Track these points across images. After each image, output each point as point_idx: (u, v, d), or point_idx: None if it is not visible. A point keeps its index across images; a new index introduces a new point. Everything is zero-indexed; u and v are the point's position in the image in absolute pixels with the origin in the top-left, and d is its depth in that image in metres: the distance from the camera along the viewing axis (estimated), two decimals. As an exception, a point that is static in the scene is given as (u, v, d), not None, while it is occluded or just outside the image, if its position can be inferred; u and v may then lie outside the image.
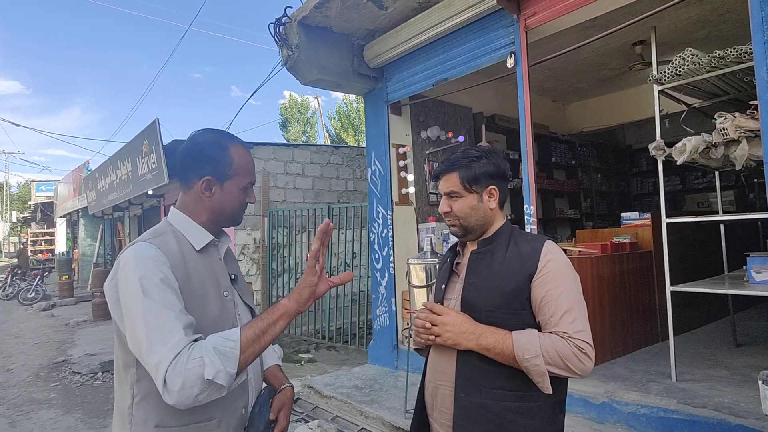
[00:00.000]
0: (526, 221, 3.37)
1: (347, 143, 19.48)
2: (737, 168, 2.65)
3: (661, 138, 3.12)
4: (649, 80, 3.09)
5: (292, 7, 4.07)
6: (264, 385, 1.34)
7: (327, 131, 21.48)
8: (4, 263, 23.92)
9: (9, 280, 12.68)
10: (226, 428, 1.12)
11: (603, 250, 3.88)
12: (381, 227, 4.67)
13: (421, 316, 1.29)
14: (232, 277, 1.26)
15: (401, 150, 4.72)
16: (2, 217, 36.52)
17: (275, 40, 4.11)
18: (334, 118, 22.05)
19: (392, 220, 4.57)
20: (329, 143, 18.22)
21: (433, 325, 1.26)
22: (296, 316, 1.11)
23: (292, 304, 1.08)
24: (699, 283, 3.19)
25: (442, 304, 1.37)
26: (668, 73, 2.92)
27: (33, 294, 11.38)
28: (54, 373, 5.40)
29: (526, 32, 3.31)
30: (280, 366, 1.41)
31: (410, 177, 4.74)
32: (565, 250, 3.83)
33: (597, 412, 3.03)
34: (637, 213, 4.47)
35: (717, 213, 3.87)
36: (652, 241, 4.21)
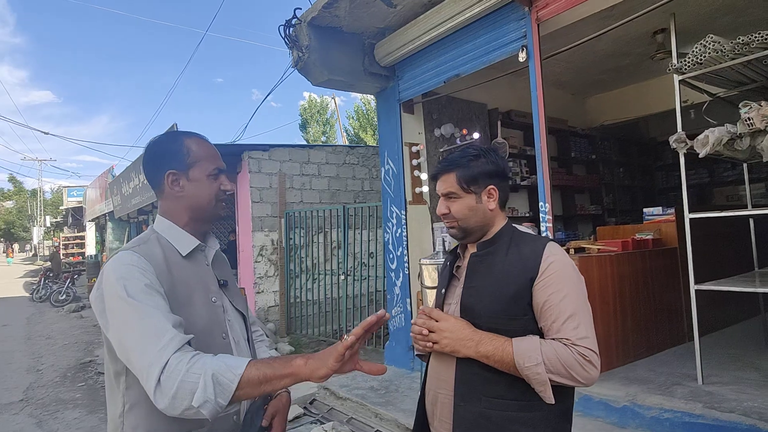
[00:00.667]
0: (541, 218, 3.28)
1: (366, 143, 19.49)
2: (765, 159, 2.51)
3: (687, 129, 2.98)
4: (669, 70, 2.96)
5: (301, 9, 4.07)
6: None
7: (346, 131, 21.55)
8: (38, 267, 24.87)
9: (42, 282, 13.15)
10: None
11: (624, 247, 3.75)
12: (395, 227, 4.64)
13: (418, 322, 1.25)
14: (221, 282, 1.24)
15: (414, 149, 4.67)
16: (37, 222, 38.02)
17: (285, 42, 4.11)
18: (353, 117, 22.12)
19: (406, 219, 4.53)
20: (347, 143, 18.27)
21: (430, 331, 1.22)
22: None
23: (305, 371, 0.97)
24: (727, 281, 3.05)
25: (443, 309, 1.32)
26: (689, 62, 2.79)
27: (64, 296, 11.78)
28: (80, 374, 5.56)
29: (538, 25, 3.22)
30: None
31: (424, 176, 4.69)
32: (583, 248, 3.77)
33: (618, 416, 2.92)
34: (660, 208, 4.31)
35: (746, 207, 3.69)
36: (676, 237, 4.05)
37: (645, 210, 4.44)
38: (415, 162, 4.66)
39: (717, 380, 3.04)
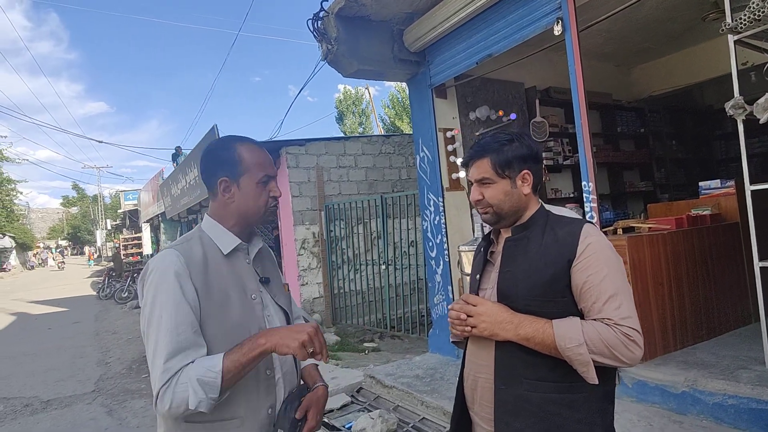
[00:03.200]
0: (584, 199, 3.14)
1: (402, 131, 19.41)
2: (838, 121, 2.27)
3: (748, 93, 2.74)
4: (722, 30, 2.72)
5: (328, 1, 4.06)
6: (302, 382, 1.36)
7: (382, 120, 21.52)
8: (102, 267, 26.66)
9: (106, 281, 14.10)
10: (250, 428, 1.15)
11: (678, 224, 3.53)
12: (433, 214, 4.59)
13: (455, 307, 1.25)
14: (263, 279, 1.27)
15: (449, 134, 4.59)
16: (99, 226, 40.74)
17: (314, 35, 4.13)
18: (388, 106, 22.04)
19: (444, 206, 4.47)
20: (383, 132, 18.24)
21: (468, 316, 1.21)
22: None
23: (270, 347, 1.10)
24: (796, 257, 2.80)
25: (478, 294, 1.31)
26: (745, 19, 2.55)
27: (126, 294, 12.56)
28: (144, 366, 5.93)
29: (574, -6, 3.04)
30: (316, 365, 1.42)
31: (460, 161, 4.60)
32: (632, 228, 3.58)
33: (676, 402, 2.78)
34: (718, 181, 4.02)
35: (818, 174, 3.36)
36: (737, 211, 3.76)
37: (701, 184, 4.16)
38: (450, 147, 4.58)
39: (788, 363, 2.82)
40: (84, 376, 5.65)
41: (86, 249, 45.56)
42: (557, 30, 3.12)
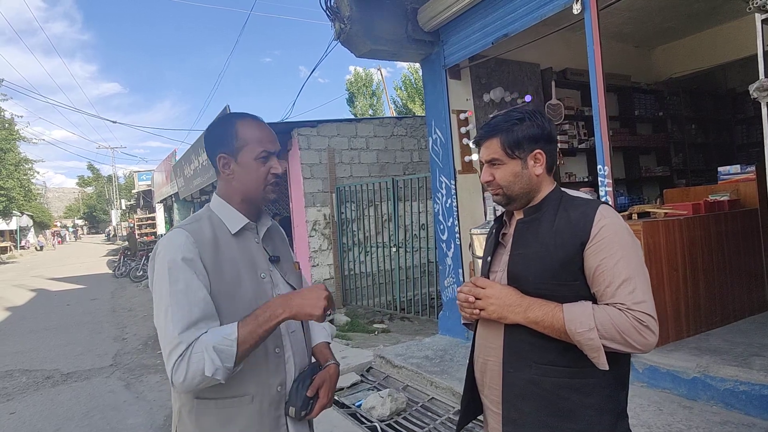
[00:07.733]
0: (600, 183, 3.10)
1: (415, 113, 19.19)
2: None
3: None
4: (749, 9, 2.62)
5: (341, -22, 3.99)
6: (314, 360, 1.37)
7: (393, 102, 21.30)
8: (117, 246, 27.14)
9: (121, 260, 14.39)
10: (259, 404, 1.16)
11: (695, 210, 3.47)
12: (445, 197, 4.57)
13: (464, 289, 1.24)
14: (273, 257, 1.28)
15: (462, 116, 4.53)
16: (114, 206, 41.37)
17: (327, 14, 4.07)
18: (401, 88, 21.78)
19: (456, 189, 4.44)
20: (395, 114, 18.09)
21: (477, 298, 1.20)
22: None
23: (288, 314, 1.11)
24: (817, 244, 2.74)
25: (488, 277, 1.30)
26: (774, -3, 2.44)
27: (141, 272, 12.80)
28: (159, 342, 6.08)
29: (595, -29, 2.94)
30: (328, 344, 1.43)
31: (473, 144, 4.55)
32: (648, 213, 3.53)
33: (687, 388, 2.77)
34: (738, 166, 3.92)
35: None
36: (757, 197, 3.68)
37: (720, 169, 4.07)
38: (463, 130, 4.52)
39: (803, 351, 2.79)
40: (102, 351, 5.82)
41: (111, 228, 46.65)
42: (576, 9, 3.03)
